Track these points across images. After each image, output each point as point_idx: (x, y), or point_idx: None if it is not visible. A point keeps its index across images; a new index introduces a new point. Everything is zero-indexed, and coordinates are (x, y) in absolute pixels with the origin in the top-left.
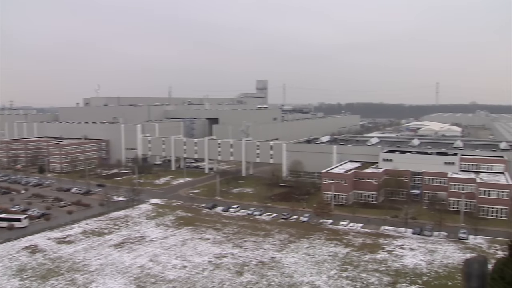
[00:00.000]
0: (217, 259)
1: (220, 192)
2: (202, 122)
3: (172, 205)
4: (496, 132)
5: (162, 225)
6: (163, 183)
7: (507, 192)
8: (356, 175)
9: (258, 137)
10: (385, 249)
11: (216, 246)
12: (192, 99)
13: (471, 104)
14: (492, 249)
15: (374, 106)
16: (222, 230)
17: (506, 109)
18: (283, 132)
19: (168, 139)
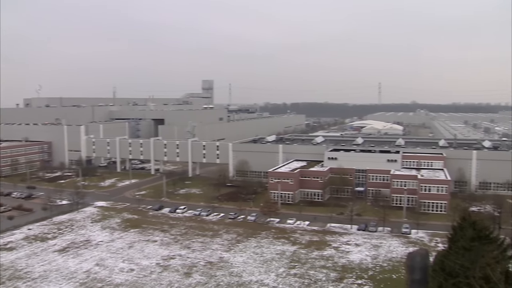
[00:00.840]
0: (165, 261)
1: (166, 193)
2: (147, 123)
3: (118, 208)
4: (435, 130)
5: (108, 228)
6: (108, 185)
7: (446, 187)
8: (302, 173)
9: (204, 137)
10: (332, 246)
11: (164, 248)
12: (137, 99)
13: (411, 104)
14: (433, 242)
15: (319, 106)
16: (169, 232)
17: (444, 108)
18: (229, 132)
19: (113, 140)
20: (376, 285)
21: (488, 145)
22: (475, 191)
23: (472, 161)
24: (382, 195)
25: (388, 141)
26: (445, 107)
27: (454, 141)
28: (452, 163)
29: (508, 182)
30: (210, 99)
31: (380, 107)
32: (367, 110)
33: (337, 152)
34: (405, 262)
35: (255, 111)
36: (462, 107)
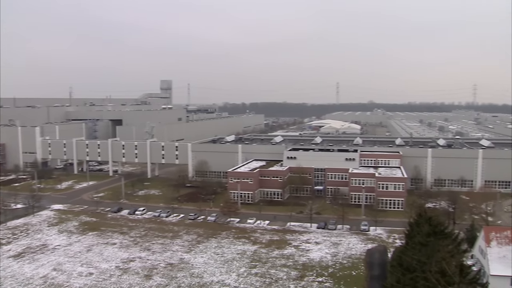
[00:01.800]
0: (124, 263)
1: (125, 195)
2: (105, 124)
3: (76, 211)
4: (392, 129)
5: (65, 231)
6: (65, 187)
7: (403, 184)
8: (261, 173)
9: (163, 138)
10: (292, 245)
11: (123, 250)
12: (95, 99)
13: (369, 103)
14: (391, 238)
15: (277, 106)
16: (128, 234)
17: (400, 108)
18: (188, 132)
19: (69, 142)
20: (336, 282)
21: (442, 143)
22: (431, 188)
23: (427, 159)
24: (341, 193)
25: (346, 140)
26: (401, 107)
27: (410, 140)
28: (408, 161)
29: (461, 178)
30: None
31: (338, 107)
32: (326, 109)
33: (296, 151)
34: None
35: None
36: (418, 107)
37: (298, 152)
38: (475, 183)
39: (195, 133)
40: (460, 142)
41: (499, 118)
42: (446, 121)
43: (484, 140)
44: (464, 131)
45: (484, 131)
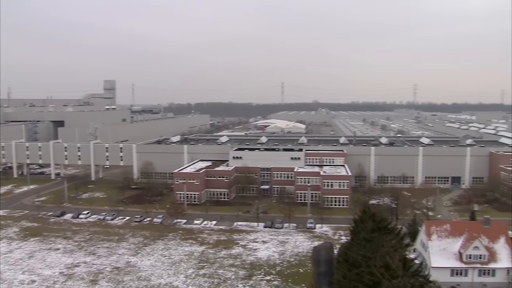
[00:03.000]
0: (69, 269)
1: (68, 199)
2: (46, 125)
3: (16, 216)
4: (336, 128)
5: (5, 238)
6: (4, 192)
7: (347, 182)
8: (207, 173)
9: (107, 139)
10: (240, 244)
11: (67, 255)
12: (35, 100)
13: (313, 103)
14: (336, 235)
15: (223, 106)
16: (72, 238)
17: (344, 107)
18: (133, 133)
19: (8, 144)
20: (284, 280)
21: (384, 142)
22: (374, 185)
23: (370, 157)
24: (287, 192)
25: (292, 140)
26: (345, 106)
27: (353, 138)
28: (352, 159)
29: (403, 175)
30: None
31: (283, 107)
32: (271, 109)
33: (242, 151)
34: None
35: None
36: (361, 106)
37: (244, 152)
38: (416, 179)
39: (140, 134)
40: (402, 140)
41: (438, 117)
42: (388, 120)
43: (424, 138)
44: (405, 130)
45: (424, 129)
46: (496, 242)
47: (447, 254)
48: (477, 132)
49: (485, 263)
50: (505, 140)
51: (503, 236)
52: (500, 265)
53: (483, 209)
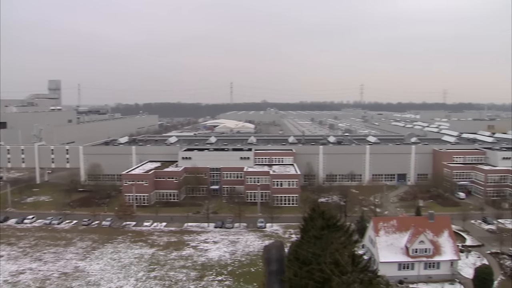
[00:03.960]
0: (13, 277)
1: (12, 203)
2: None
3: None
4: (285, 128)
5: None
6: None
7: (297, 181)
8: (156, 174)
9: (52, 141)
10: (190, 245)
11: (12, 262)
12: None
13: (262, 103)
14: (287, 234)
15: (171, 106)
16: (17, 245)
17: (293, 107)
18: (79, 134)
19: None
20: (235, 280)
21: (332, 140)
22: (323, 183)
23: (319, 156)
24: (237, 192)
25: (241, 139)
26: (293, 106)
27: (302, 138)
28: (301, 158)
29: (351, 173)
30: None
31: (232, 107)
32: (220, 109)
33: (191, 151)
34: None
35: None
36: (309, 106)
37: (193, 152)
38: (363, 177)
39: (86, 135)
40: (349, 139)
41: (384, 116)
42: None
43: (371, 136)
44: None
45: (370, 128)
46: (440, 236)
47: (394, 249)
48: (421, 131)
49: (430, 257)
50: (447, 138)
51: (446, 230)
52: (444, 257)
53: (428, 204)
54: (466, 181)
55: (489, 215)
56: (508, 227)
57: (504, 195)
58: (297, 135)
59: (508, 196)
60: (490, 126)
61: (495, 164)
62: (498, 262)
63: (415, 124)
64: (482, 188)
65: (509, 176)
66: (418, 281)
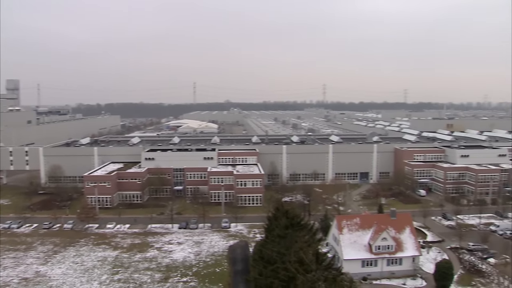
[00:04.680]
0: None
1: None
2: None
3: None
4: (248, 128)
5: None
6: None
7: (260, 181)
8: (119, 176)
9: (10, 143)
10: (154, 247)
11: None
12: None
13: (225, 103)
14: (251, 233)
15: (134, 106)
16: None
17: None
18: (39, 135)
19: None
20: (201, 281)
21: (296, 140)
22: (287, 183)
23: (282, 155)
24: (201, 192)
25: (204, 140)
26: (257, 106)
27: (265, 137)
28: (265, 158)
29: (314, 172)
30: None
31: (196, 107)
32: (183, 109)
33: (154, 152)
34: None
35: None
36: (272, 105)
37: (156, 153)
38: (327, 176)
39: (47, 137)
40: (312, 138)
41: (346, 116)
42: (299, 119)
43: (334, 136)
44: (315, 128)
45: (333, 128)
46: (402, 233)
47: (358, 247)
48: (382, 130)
49: (392, 253)
50: (408, 137)
51: (408, 226)
52: (406, 254)
53: (390, 202)
54: (427, 179)
55: (449, 211)
56: (466, 223)
57: (463, 191)
58: (260, 135)
59: (466, 192)
60: (449, 125)
61: (454, 162)
62: (458, 257)
63: (377, 124)
64: (442, 185)
65: (467, 174)
66: (381, 277)
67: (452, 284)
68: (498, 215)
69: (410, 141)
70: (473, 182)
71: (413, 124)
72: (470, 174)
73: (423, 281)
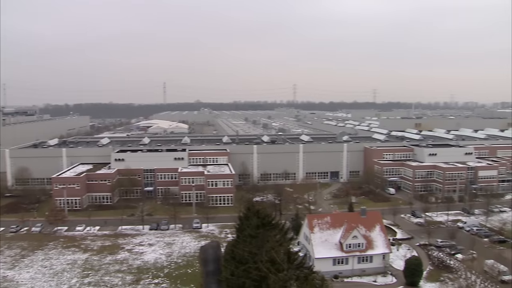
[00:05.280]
0: None
1: None
2: None
3: None
4: (219, 128)
5: None
6: None
7: (231, 181)
8: (88, 177)
9: None
10: (125, 249)
11: None
12: None
13: (196, 103)
14: (223, 234)
15: (103, 106)
16: None
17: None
18: (5, 137)
19: None
20: (172, 282)
21: (266, 140)
22: (258, 183)
23: (253, 155)
24: (172, 193)
25: (175, 140)
26: (227, 105)
27: (236, 137)
28: (236, 158)
29: (285, 172)
30: None
31: (166, 107)
32: (153, 109)
33: (124, 153)
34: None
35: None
36: (243, 105)
37: (126, 153)
38: (297, 175)
39: (13, 138)
40: (283, 138)
41: (316, 115)
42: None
43: (304, 135)
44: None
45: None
46: (372, 231)
47: (329, 245)
48: (352, 129)
49: (363, 251)
50: (378, 136)
51: (378, 224)
52: (376, 251)
53: (360, 200)
54: (396, 177)
55: (417, 209)
56: (435, 220)
57: (431, 189)
58: (231, 135)
59: (434, 190)
60: (417, 124)
61: (422, 160)
62: (427, 253)
63: (347, 123)
64: (411, 183)
65: (435, 172)
66: (352, 275)
67: (422, 280)
68: (465, 212)
69: (380, 140)
70: (441, 180)
71: (382, 123)
72: (438, 172)
73: (393, 278)
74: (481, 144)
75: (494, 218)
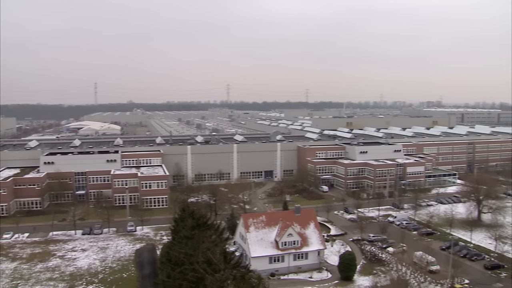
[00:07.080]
0: None
1: None
2: None
3: None
4: (152, 128)
5: None
6: None
7: (165, 182)
8: (15, 182)
9: None
10: (57, 255)
11: None
12: None
13: (128, 103)
14: (158, 236)
15: (31, 108)
16: None
17: (159, 107)
18: None
19: None
20: (107, 287)
21: (200, 140)
22: (192, 183)
23: (187, 156)
24: (104, 196)
25: (107, 142)
26: (160, 106)
27: (170, 138)
28: (170, 159)
29: (220, 172)
30: None
31: (97, 108)
32: (84, 111)
33: (54, 156)
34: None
35: None
36: (176, 106)
37: (56, 156)
38: (232, 175)
39: None
40: (217, 138)
41: (250, 115)
42: (203, 119)
43: (238, 135)
44: (220, 128)
45: (237, 127)
46: (307, 228)
47: (265, 244)
48: (285, 129)
49: (298, 248)
50: (310, 135)
51: (312, 222)
52: (311, 248)
53: (294, 199)
54: (329, 175)
55: (350, 205)
56: (367, 216)
57: (363, 186)
58: (164, 136)
59: (366, 187)
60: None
61: (353, 158)
62: (360, 248)
63: (280, 123)
64: (343, 180)
65: (366, 169)
66: (288, 272)
67: (356, 274)
68: (395, 207)
69: (312, 139)
70: (372, 176)
71: (315, 122)
72: (369, 169)
73: (328, 273)
74: (409, 141)
75: (422, 212)
